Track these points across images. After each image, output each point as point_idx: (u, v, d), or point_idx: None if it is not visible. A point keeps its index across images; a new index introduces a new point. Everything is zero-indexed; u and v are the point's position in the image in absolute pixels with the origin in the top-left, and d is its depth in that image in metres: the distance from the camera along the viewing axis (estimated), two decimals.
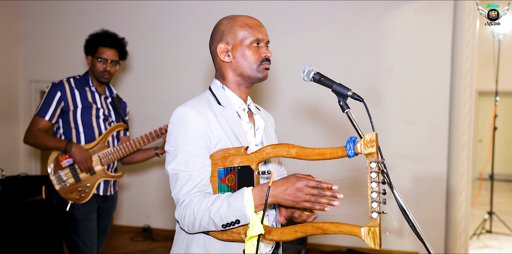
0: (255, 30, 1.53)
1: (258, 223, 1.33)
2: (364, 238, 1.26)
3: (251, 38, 1.52)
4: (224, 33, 1.54)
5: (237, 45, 1.53)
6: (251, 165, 1.40)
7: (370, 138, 1.28)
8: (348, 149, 1.30)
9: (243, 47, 1.52)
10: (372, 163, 1.28)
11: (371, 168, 1.29)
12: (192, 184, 1.40)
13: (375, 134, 1.28)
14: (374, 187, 1.28)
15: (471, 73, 4.21)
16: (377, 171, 1.28)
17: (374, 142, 1.27)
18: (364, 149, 1.28)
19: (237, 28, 1.53)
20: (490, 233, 5.29)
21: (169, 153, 1.46)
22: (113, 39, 2.87)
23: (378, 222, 1.26)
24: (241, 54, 1.53)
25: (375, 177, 1.28)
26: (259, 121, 1.63)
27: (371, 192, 1.28)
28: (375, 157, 1.28)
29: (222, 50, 1.54)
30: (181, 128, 1.43)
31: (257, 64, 1.53)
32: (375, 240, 1.25)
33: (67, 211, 2.73)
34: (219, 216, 1.34)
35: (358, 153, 1.29)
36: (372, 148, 1.27)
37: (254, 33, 1.52)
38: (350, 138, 1.31)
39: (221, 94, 1.56)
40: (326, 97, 3.75)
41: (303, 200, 1.32)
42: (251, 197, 1.34)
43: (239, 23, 1.53)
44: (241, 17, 1.56)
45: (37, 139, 2.75)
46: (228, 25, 1.54)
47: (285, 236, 1.35)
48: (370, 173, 1.29)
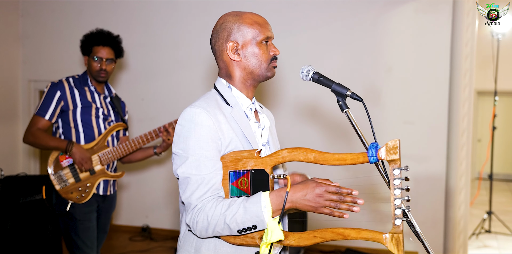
0: (264, 28, 1.51)
1: (277, 228, 1.30)
2: (388, 244, 1.26)
3: (261, 36, 1.49)
4: (232, 31, 1.50)
5: (247, 43, 1.49)
6: (265, 168, 1.37)
7: (393, 145, 1.27)
8: (370, 155, 1.29)
9: (253, 46, 1.49)
10: (395, 170, 1.27)
11: (394, 175, 1.28)
12: (205, 188, 1.37)
13: (398, 141, 1.27)
14: (397, 194, 1.27)
15: (470, 72, 4.21)
16: (400, 178, 1.27)
17: (397, 149, 1.26)
18: (387, 156, 1.27)
19: (247, 26, 1.49)
20: (489, 233, 5.29)
21: (178, 156, 1.41)
22: (107, 37, 2.85)
23: (401, 228, 1.26)
24: (251, 52, 1.49)
25: (398, 184, 1.27)
26: (264, 120, 1.60)
27: (394, 199, 1.27)
28: (398, 163, 1.27)
29: (231, 48, 1.50)
30: (191, 130, 1.39)
31: (267, 63, 1.51)
32: (399, 247, 1.25)
33: (67, 211, 2.72)
34: (235, 221, 1.31)
35: (380, 159, 1.28)
36: (396, 155, 1.27)
37: (263, 31, 1.50)
38: (372, 144, 1.29)
39: (228, 93, 1.52)
40: (325, 97, 3.75)
41: (323, 206, 1.31)
42: (268, 202, 1.31)
43: (248, 20, 1.51)
44: (248, 14, 1.53)
45: (37, 138, 2.74)
46: (236, 23, 1.51)
47: (303, 242, 1.33)
48: (393, 180, 1.28)
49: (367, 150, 1.30)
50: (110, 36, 2.87)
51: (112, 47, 2.86)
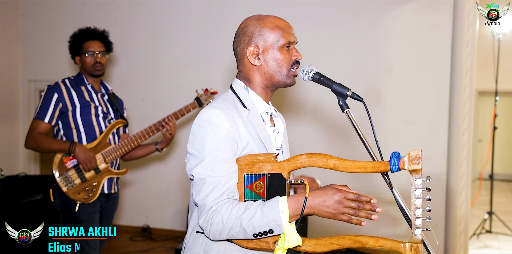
0: (286, 32, 1.48)
1: (295, 234, 1.30)
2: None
3: (283, 41, 1.47)
4: (253, 35, 1.48)
5: (268, 48, 1.47)
6: (282, 173, 1.36)
7: (415, 155, 1.27)
8: (392, 164, 1.28)
9: (274, 50, 1.47)
10: (417, 180, 1.27)
11: (415, 185, 1.27)
12: (221, 190, 1.35)
13: (420, 151, 1.27)
14: (418, 204, 1.27)
15: (470, 72, 4.20)
16: (422, 188, 1.27)
17: (419, 159, 1.26)
18: (409, 166, 1.27)
19: (268, 30, 1.47)
20: (490, 233, 5.28)
21: (193, 156, 1.40)
22: (94, 32, 2.90)
23: (420, 238, 1.26)
24: (272, 57, 1.47)
25: (419, 194, 1.27)
26: (279, 124, 1.59)
27: (415, 209, 1.27)
28: (420, 174, 1.27)
29: (252, 53, 1.48)
30: (208, 131, 1.37)
31: (288, 69, 1.49)
32: None
33: (75, 212, 2.72)
34: (252, 225, 1.30)
35: (402, 169, 1.28)
36: (418, 165, 1.27)
37: (285, 36, 1.47)
38: (394, 153, 1.29)
39: (245, 96, 1.50)
40: (325, 97, 3.75)
41: (341, 212, 1.30)
42: (286, 207, 1.30)
43: (270, 25, 1.48)
44: (270, 18, 1.50)
45: (39, 142, 2.73)
46: (257, 27, 1.48)
47: (319, 248, 1.32)
48: (415, 190, 1.27)
49: (389, 159, 1.29)
50: (96, 30, 2.92)
51: (101, 41, 2.90)
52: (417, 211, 1.27)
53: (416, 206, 1.27)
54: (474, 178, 9.01)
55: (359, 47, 4.45)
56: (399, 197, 1.39)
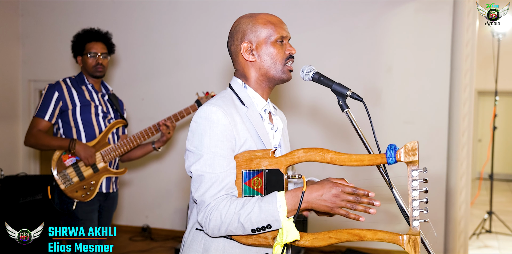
0: (278, 27, 1.50)
1: (293, 229, 1.30)
2: (405, 246, 1.26)
3: (275, 36, 1.48)
4: (246, 32, 1.50)
5: (261, 43, 1.48)
6: (280, 168, 1.37)
7: (412, 147, 1.27)
8: (388, 156, 1.28)
9: (268, 45, 1.48)
10: (414, 171, 1.28)
11: (412, 176, 1.28)
12: (219, 186, 1.36)
13: (417, 143, 1.27)
14: (415, 195, 1.27)
15: (470, 72, 4.21)
16: (419, 180, 1.27)
17: (415, 151, 1.27)
18: (405, 157, 1.28)
19: (260, 26, 1.49)
20: (490, 233, 5.28)
21: (192, 153, 1.41)
22: (97, 33, 2.92)
23: (418, 230, 1.27)
24: (266, 52, 1.48)
25: (416, 185, 1.27)
26: (278, 122, 1.60)
27: (413, 201, 1.27)
28: (417, 165, 1.28)
29: (245, 49, 1.49)
30: (206, 128, 1.38)
31: (282, 63, 1.49)
32: (416, 248, 1.26)
33: (72, 210, 2.73)
34: (250, 220, 1.30)
35: (399, 160, 1.28)
36: (414, 156, 1.27)
37: (278, 31, 1.49)
38: (390, 146, 1.29)
39: (243, 93, 1.52)
40: (325, 97, 3.75)
41: (339, 206, 1.30)
42: (284, 201, 1.30)
43: (261, 21, 1.50)
44: (262, 15, 1.52)
45: (39, 140, 2.75)
46: (249, 24, 1.50)
47: (317, 242, 1.32)
48: (412, 182, 1.28)
49: (386, 151, 1.29)
50: (100, 32, 2.94)
51: (104, 42, 2.92)
52: (414, 202, 1.27)
53: (414, 198, 1.27)
54: (474, 178, 9.01)
55: (359, 47, 4.46)
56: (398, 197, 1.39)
